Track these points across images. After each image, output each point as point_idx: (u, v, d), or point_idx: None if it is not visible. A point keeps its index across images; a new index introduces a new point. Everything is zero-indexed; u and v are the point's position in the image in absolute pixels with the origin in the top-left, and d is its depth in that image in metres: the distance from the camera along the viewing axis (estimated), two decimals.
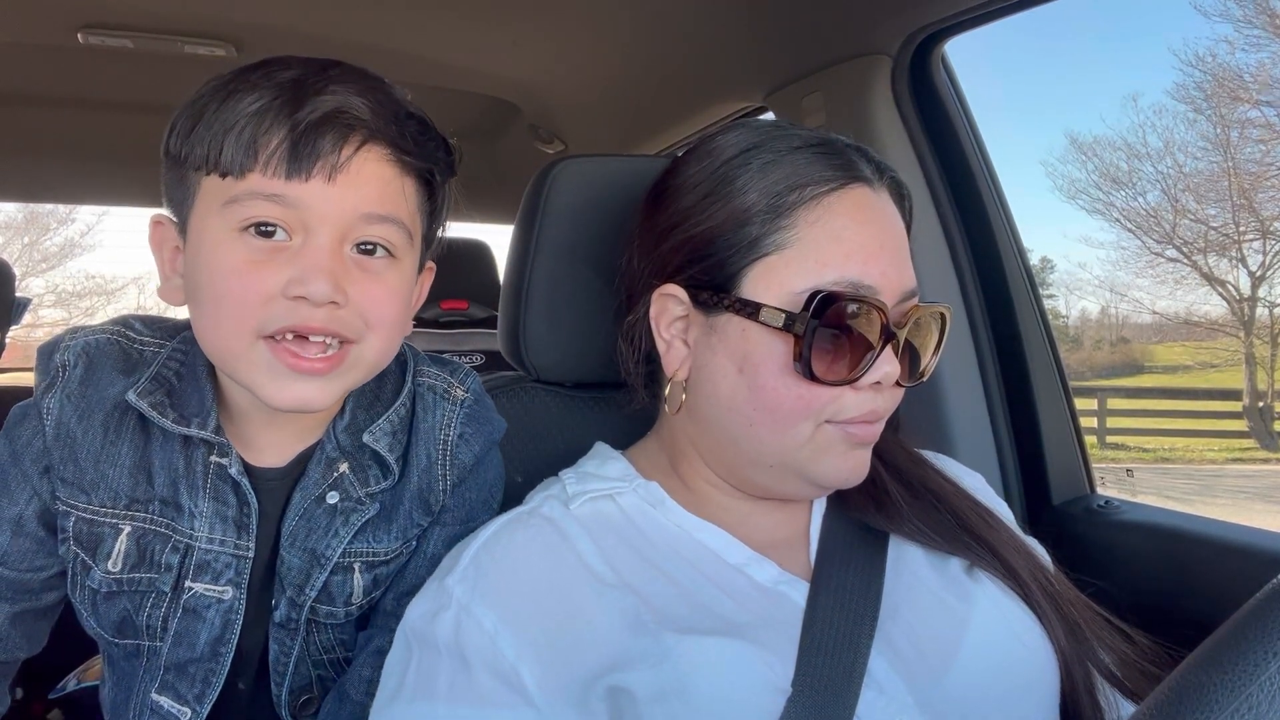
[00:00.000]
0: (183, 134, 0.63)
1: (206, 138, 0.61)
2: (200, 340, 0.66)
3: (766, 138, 0.67)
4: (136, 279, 15.28)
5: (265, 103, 0.61)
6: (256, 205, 0.61)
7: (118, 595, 0.71)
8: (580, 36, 1.56)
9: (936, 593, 0.68)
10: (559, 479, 0.74)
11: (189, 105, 0.64)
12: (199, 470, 0.70)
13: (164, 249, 0.68)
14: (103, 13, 1.44)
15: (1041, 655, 0.66)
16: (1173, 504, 4.47)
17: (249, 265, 0.61)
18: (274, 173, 0.60)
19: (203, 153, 0.61)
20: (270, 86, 0.62)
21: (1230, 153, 11.51)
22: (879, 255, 0.64)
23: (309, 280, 0.60)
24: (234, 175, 0.61)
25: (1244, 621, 0.31)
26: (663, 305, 0.69)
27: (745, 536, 0.69)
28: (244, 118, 0.61)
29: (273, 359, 0.62)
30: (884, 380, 0.65)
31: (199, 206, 0.63)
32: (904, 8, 1.13)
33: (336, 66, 0.65)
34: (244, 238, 0.61)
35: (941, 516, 0.72)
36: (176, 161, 0.64)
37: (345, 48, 1.57)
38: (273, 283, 0.61)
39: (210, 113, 0.62)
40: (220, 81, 0.64)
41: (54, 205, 11.93)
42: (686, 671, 0.58)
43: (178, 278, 0.68)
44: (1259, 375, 11.50)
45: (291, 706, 0.76)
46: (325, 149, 0.61)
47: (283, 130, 0.60)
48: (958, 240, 1.23)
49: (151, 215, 0.69)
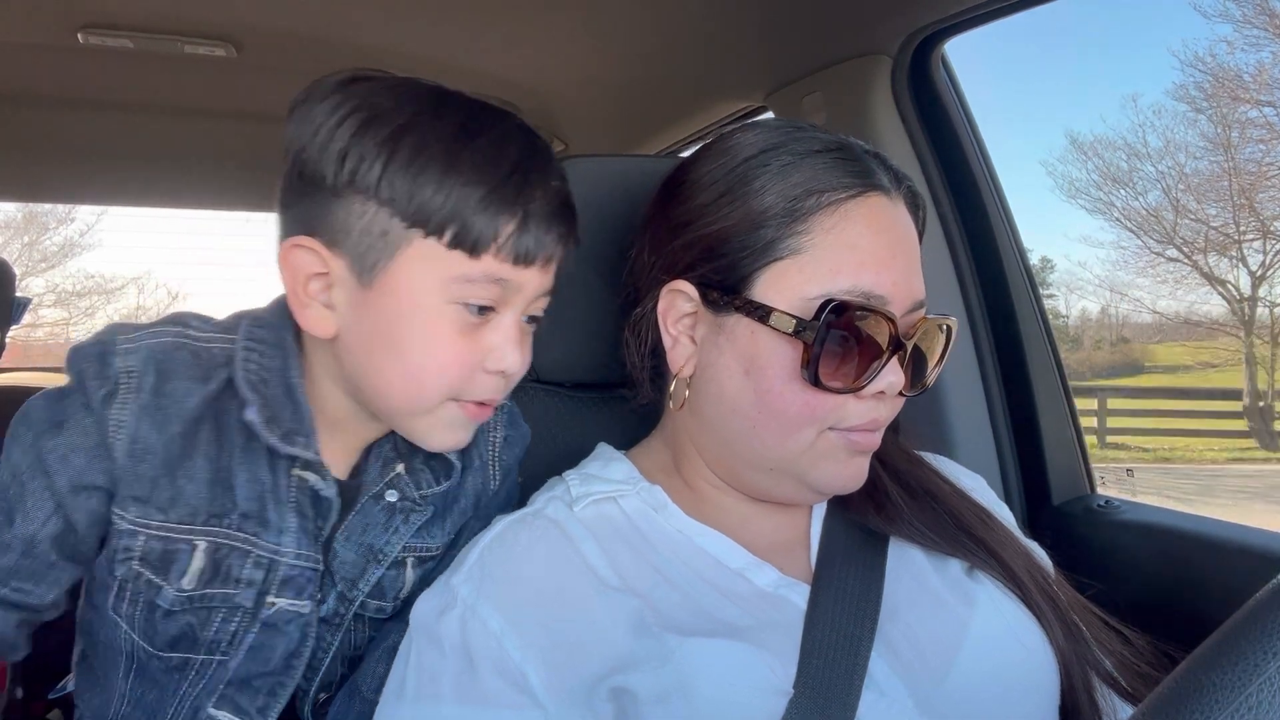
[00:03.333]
0: (373, 170, 0.60)
1: (435, 201, 0.60)
2: (381, 389, 0.65)
3: (785, 139, 0.67)
4: (136, 279, 15.28)
5: (502, 181, 0.61)
6: (485, 288, 0.63)
7: (183, 613, 0.68)
8: (580, 36, 1.56)
9: (936, 595, 0.68)
10: (562, 480, 0.74)
11: (370, 137, 0.60)
12: (284, 484, 0.68)
13: (300, 274, 0.64)
14: (103, 13, 1.44)
15: (1041, 657, 0.66)
16: (1173, 504, 4.46)
17: (459, 336, 0.63)
18: (504, 258, 0.62)
19: (427, 215, 0.60)
20: (501, 162, 0.62)
21: (1230, 153, 11.52)
22: (892, 265, 0.64)
23: (508, 357, 0.65)
24: (467, 253, 0.61)
25: (1244, 621, 0.31)
26: (671, 301, 0.69)
27: (746, 540, 0.69)
28: (483, 194, 0.61)
29: (458, 414, 0.67)
30: (888, 390, 0.65)
31: (406, 264, 0.61)
32: (904, 8, 1.13)
33: (535, 137, 0.66)
34: (457, 309, 0.63)
35: (939, 517, 0.72)
36: (358, 193, 0.61)
37: (345, 48, 1.57)
38: (476, 355, 0.64)
39: (427, 167, 0.60)
40: (412, 122, 0.61)
41: (54, 205, 11.93)
42: (689, 673, 0.58)
43: (321, 307, 0.65)
44: (1259, 375, 11.50)
45: (314, 703, 0.76)
46: (550, 242, 0.64)
47: (518, 217, 0.62)
48: (958, 240, 1.23)
49: (291, 238, 0.64)
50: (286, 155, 0.65)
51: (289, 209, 0.65)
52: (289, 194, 0.65)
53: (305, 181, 0.63)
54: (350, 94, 0.62)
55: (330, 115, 0.62)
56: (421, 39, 1.58)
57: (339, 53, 1.60)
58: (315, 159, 0.62)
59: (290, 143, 0.64)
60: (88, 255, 16.91)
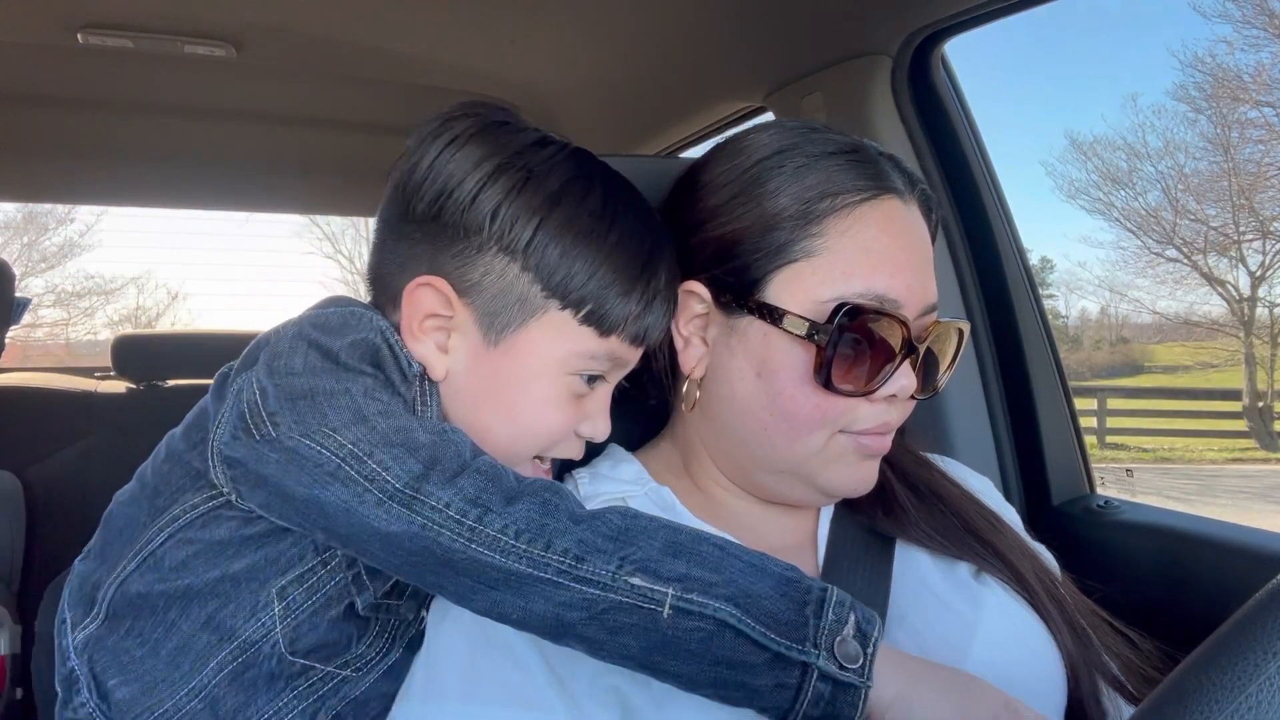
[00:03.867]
0: (524, 234, 0.61)
1: (580, 278, 0.62)
2: (479, 439, 0.63)
3: (800, 140, 0.66)
4: (136, 279, 15.29)
5: (640, 270, 0.64)
6: (602, 364, 0.66)
7: (360, 619, 0.65)
8: (580, 37, 1.56)
9: (944, 598, 0.68)
10: (572, 477, 0.74)
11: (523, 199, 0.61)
12: None
13: (420, 310, 0.64)
14: (103, 13, 1.44)
15: (1048, 660, 0.66)
16: (1173, 504, 4.47)
17: (566, 403, 0.66)
18: (624, 338, 0.65)
19: (570, 289, 0.62)
20: (640, 251, 0.64)
21: (1230, 153, 11.52)
22: (905, 269, 0.64)
23: (599, 428, 0.68)
24: (598, 331, 0.64)
25: (1244, 621, 0.31)
26: (683, 302, 0.69)
27: (753, 542, 0.68)
28: (626, 281, 0.63)
29: (529, 470, 0.68)
30: (900, 393, 0.65)
31: (537, 330, 0.63)
32: (904, 8, 1.13)
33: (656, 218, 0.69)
34: (572, 379, 0.65)
35: (948, 520, 0.72)
36: (503, 253, 0.62)
37: (345, 48, 1.57)
38: (574, 422, 0.67)
39: (578, 244, 0.62)
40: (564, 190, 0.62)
41: (54, 205, 11.92)
42: None
43: (433, 346, 0.65)
44: (1259, 375, 11.50)
45: None
46: (665, 324, 0.67)
47: (644, 301, 0.64)
48: (957, 240, 1.23)
49: (422, 277, 0.63)
50: (411, 186, 0.64)
51: (412, 243, 0.65)
52: (412, 228, 0.65)
53: (443, 226, 0.63)
54: (499, 144, 0.63)
55: (479, 165, 0.62)
56: (422, 39, 1.58)
57: (339, 53, 1.61)
58: (460, 210, 0.62)
59: (421, 177, 0.63)
60: (87, 255, 16.91)
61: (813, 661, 0.50)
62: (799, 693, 0.50)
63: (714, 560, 0.53)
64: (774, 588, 0.52)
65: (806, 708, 0.50)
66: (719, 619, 0.51)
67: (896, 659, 0.53)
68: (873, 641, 0.51)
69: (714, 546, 0.54)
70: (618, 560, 0.52)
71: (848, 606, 0.52)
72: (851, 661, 0.50)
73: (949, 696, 0.52)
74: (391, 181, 0.67)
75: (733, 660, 0.51)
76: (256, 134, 2.06)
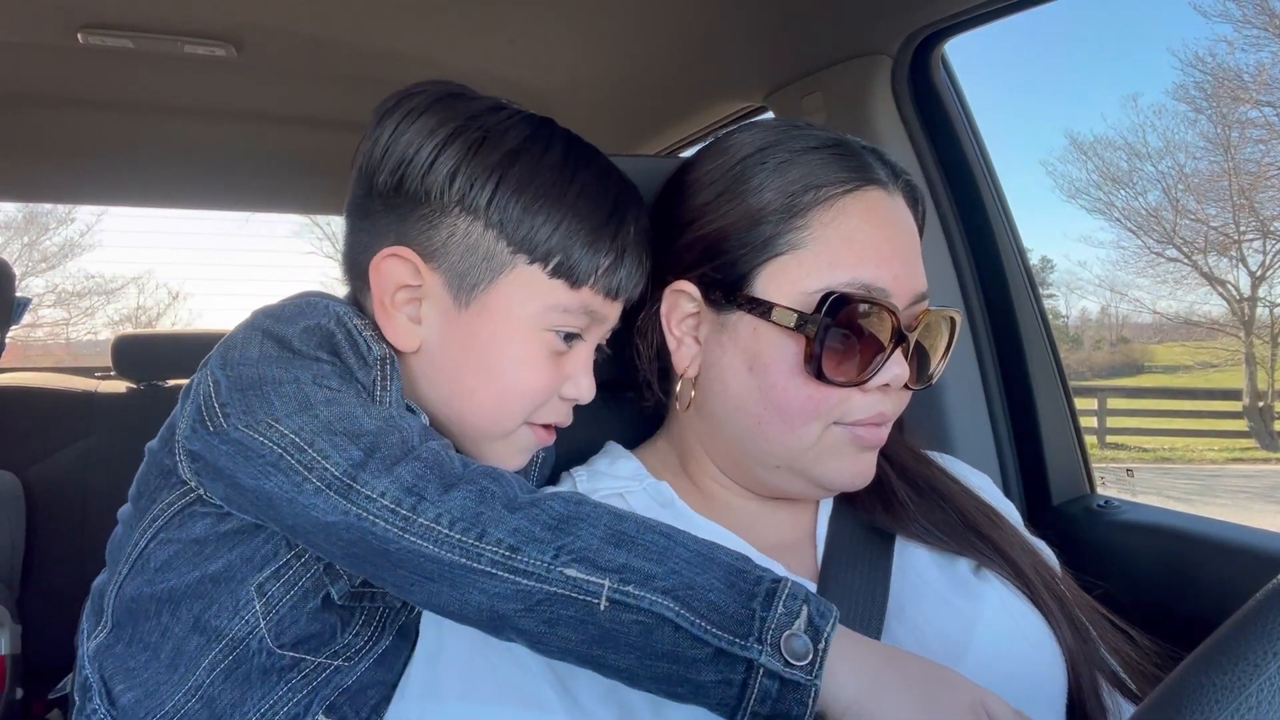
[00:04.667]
0: (484, 192, 0.61)
1: (545, 230, 0.61)
2: (468, 409, 0.65)
3: (782, 137, 0.67)
4: (136, 279, 15.27)
5: (606, 217, 0.64)
6: (578, 318, 0.65)
7: (340, 608, 0.65)
8: (580, 37, 1.56)
9: (943, 593, 0.68)
10: (570, 475, 0.74)
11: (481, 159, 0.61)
12: None
13: (390, 283, 0.63)
14: (103, 13, 1.44)
15: (1049, 655, 0.66)
16: (1173, 504, 4.47)
17: (544, 362, 0.65)
18: (599, 291, 0.64)
19: (536, 242, 0.61)
20: (605, 199, 0.64)
21: (1230, 153, 11.51)
22: (891, 258, 0.64)
23: (582, 384, 0.67)
24: (568, 283, 0.63)
25: (1244, 621, 0.31)
26: (674, 302, 0.70)
27: (752, 538, 0.69)
28: (591, 228, 0.63)
29: (530, 438, 0.68)
30: (893, 383, 0.65)
31: (507, 287, 0.63)
32: (904, 8, 1.13)
33: (624, 175, 0.68)
34: (548, 335, 0.64)
35: (947, 516, 0.72)
36: (466, 213, 0.62)
37: (345, 49, 1.57)
38: (557, 381, 0.66)
39: (540, 196, 0.61)
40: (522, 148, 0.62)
41: (54, 205, 11.92)
42: None
43: (405, 319, 0.64)
44: (1259, 375, 11.50)
45: None
46: (637, 278, 0.67)
47: (613, 252, 0.64)
48: (958, 240, 1.23)
49: (388, 248, 0.63)
50: (370, 164, 0.64)
51: (376, 218, 0.65)
52: (378, 203, 0.65)
53: (405, 195, 0.63)
54: (454, 111, 0.63)
55: (435, 132, 0.62)
56: (422, 39, 1.58)
57: (339, 53, 1.61)
58: (419, 175, 0.62)
59: (381, 153, 0.63)
60: (88, 255, 16.91)
61: (755, 658, 0.48)
62: (744, 690, 0.48)
63: (658, 550, 0.52)
64: (720, 579, 0.51)
65: (754, 705, 0.48)
66: (656, 613, 0.49)
67: (858, 653, 0.51)
68: (824, 637, 0.49)
69: (660, 535, 0.53)
70: (554, 550, 0.51)
71: (800, 599, 0.50)
72: (799, 658, 0.48)
73: (917, 693, 0.50)
74: (355, 165, 0.67)
75: (673, 655, 0.49)
76: (256, 134, 2.06)
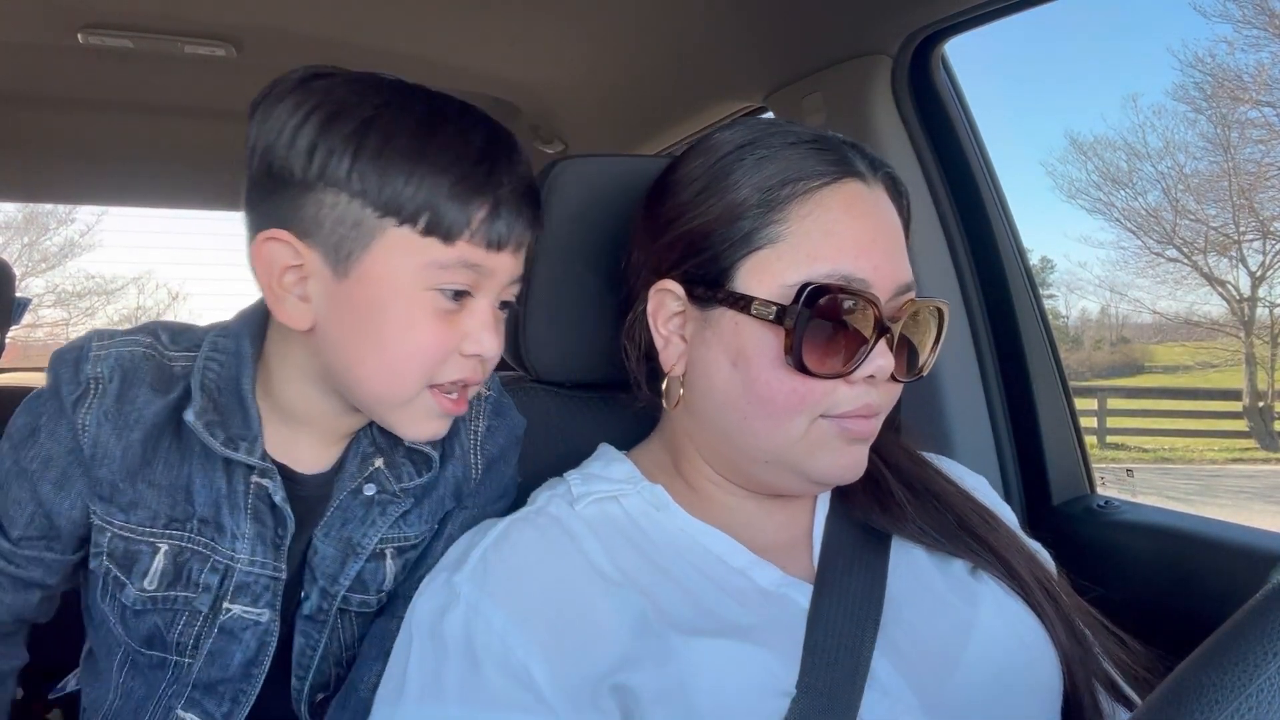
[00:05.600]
0: (342, 163, 0.61)
1: (407, 190, 0.61)
2: (361, 378, 0.66)
3: (762, 134, 0.67)
4: (136, 279, 15.26)
5: (471, 168, 0.62)
6: (460, 273, 0.64)
7: (149, 612, 0.70)
8: (580, 37, 1.56)
9: (940, 594, 0.68)
10: (564, 479, 0.74)
11: (337, 130, 0.61)
12: (240, 491, 0.69)
13: (274, 266, 0.64)
14: (103, 13, 1.44)
15: (1044, 655, 0.66)
16: (1173, 504, 4.46)
17: (436, 322, 0.64)
18: (478, 243, 0.63)
19: (400, 203, 0.61)
20: (469, 150, 0.63)
21: (1230, 153, 11.51)
22: (871, 249, 0.64)
23: (484, 340, 0.66)
24: (441, 240, 0.62)
25: (1244, 621, 0.31)
26: (660, 301, 0.70)
27: (748, 539, 0.69)
28: (454, 181, 0.61)
29: (434, 404, 0.67)
30: (878, 374, 0.65)
31: (382, 252, 0.62)
32: (904, 8, 1.13)
33: (498, 125, 0.67)
34: (434, 294, 0.63)
35: (943, 517, 0.72)
36: (329, 186, 0.62)
37: (345, 48, 1.57)
38: (453, 341, 0.65)
39: (396, 157, 0.61)
40: (377, 114, 0.62)
41: (54, 205, 11.92)
42: (689, 673, 0.58)
43: (297, 300, 0.65)
44: (1259, 375, 11.49)
45: (310, 703, 0.76)
46: (521, 226, 0.66)
47: (489, 203, 0.63)
48: (958, 240, 1.23)
49: (264, 231, 0.64)
50: (250, 154, 0.65)
51: (257, 206, 0.66)
52: (256, 191, 0.66)
53: (274, 178, 0.64)
54: (312, 90, 0.63)
55: (294, 112, 0.62)
56: (421, 39, 1.58)
57: (339, 53, 1.60)
58: (283, 155, 0.62)
59: (254, 141, 0.64)
60: (88, 256, 16.86)
61: None
62: None
63: None
64: None
65: None
66: None
67: None
68: None
69: None
70: None
71: None
72: None
73: None
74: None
75: None
76: None
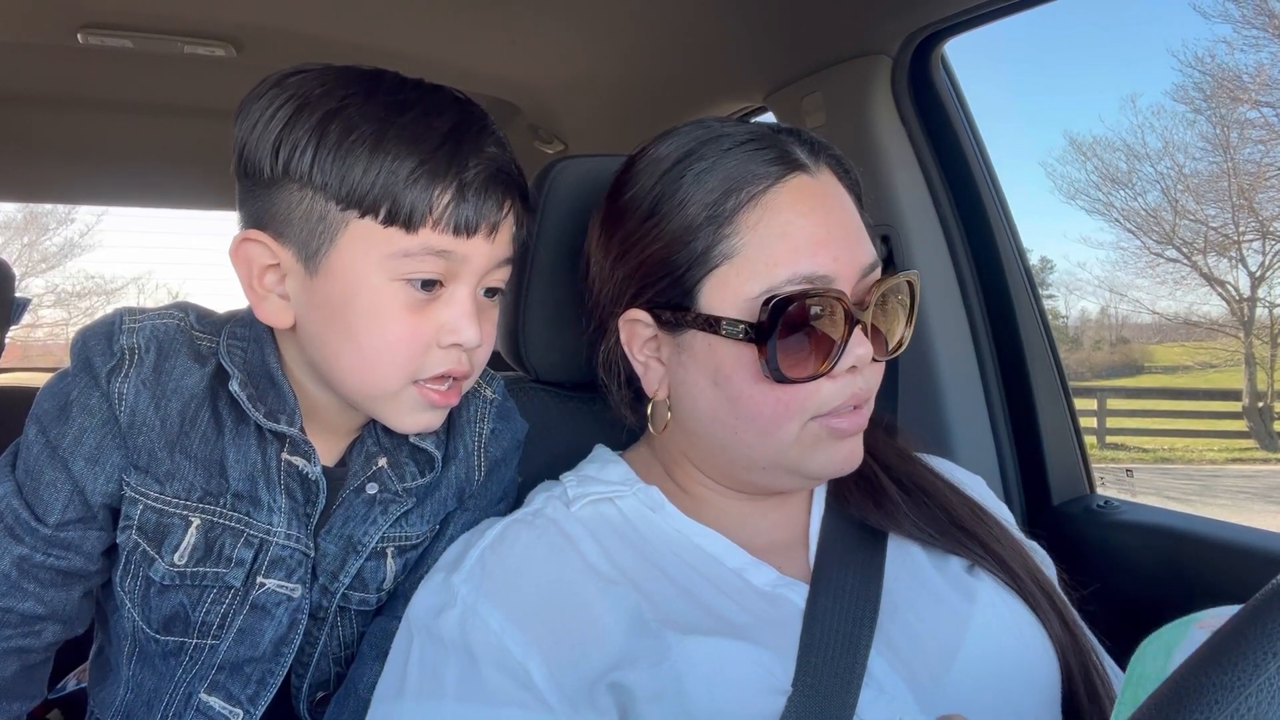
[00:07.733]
0: (305, 157, 0.61)
1: (365, 181, 0.60)
2: (340, 373, 0.65)
3: (698, 142, 0.66)
4: (136, 279, 15.28)
5: (431, 153, 0.61)
6: (426, 261, 0.63)
7: (176, 589, 0.69)
8: (580, 36, 1.56)
9: (937, 592, 0.68)
10: (559, 482, 0.74)
11: (300, 125, 0.61)
12: (274, 466, 0.70)
13: (253, 266, 0.65)
14: (103, 13, 1.44)
15: (1042, 652, 0.66)
16: (1173, 504, 4.46)
17: (409, 314, 0.63)
18: (444, 229, 0.62)
19: (359, 195, 0.60)
20: (430, 135, 0.62)
21: (1229, 153, 11.51)
22: (827, 242, 0.63)
23: (462, 330, 0.64)
24: (403, 229, 0.61)
25: (1244, 621, 0.31)
26: (631, 330, 0.69)
27: (744, 540, 0.69)
28: (412, 168, 0.61)
29: (419, 397, 0.66)
30: (859, 363, 0.64)
31: (347, 246, 0.62)
32: (904, 8, 1.13)
33: (469, 107, 0.66)
34: (403, 286, 0.63)
35: (933, 513, 0.72)
36: (293, 182, 0.62)
37: (345, 48, 1.57)
38: (429, 332, 0.64)
39: (355, 148, 0.60)
40: (341, 106, 0.61)
41: (54, 205, 11.92)
42: (685, 671, 0.58)
43: (278, 299, 0.65)
44: (1259, 375, 11.49)
45: (310, 701, 0.76)
46: (491, 210, 0.64)
47: (452, 187, 0.62)
48: (958, 241, 1.23)
49: (240, 232, 0.65)
50: (234, 154, 0.66)
51: (241, 206, 0.66)
52: (239, 191, 0.66)
53: (249, 177, 0.64)
54: (284, 86, 0.63)
55: (266, 109, 0.63)
56: (421, 39, 1.58)
57: (338, 53, 1.59)
58: (254, 153, 0.63)
59: (236, 140, 0.65)
60: (88, 256, 16.90)
61: None
62: None
63: None
64: None
65: None
66: None
67: None
68: None
69: None
70: None
71: None
72: None
73: None
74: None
75: None
76: None
